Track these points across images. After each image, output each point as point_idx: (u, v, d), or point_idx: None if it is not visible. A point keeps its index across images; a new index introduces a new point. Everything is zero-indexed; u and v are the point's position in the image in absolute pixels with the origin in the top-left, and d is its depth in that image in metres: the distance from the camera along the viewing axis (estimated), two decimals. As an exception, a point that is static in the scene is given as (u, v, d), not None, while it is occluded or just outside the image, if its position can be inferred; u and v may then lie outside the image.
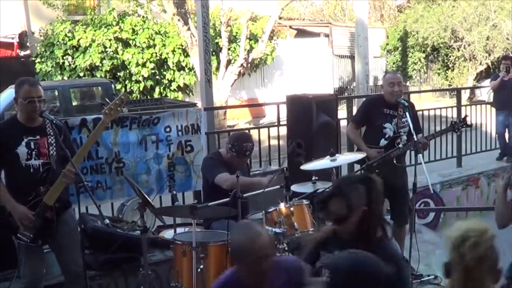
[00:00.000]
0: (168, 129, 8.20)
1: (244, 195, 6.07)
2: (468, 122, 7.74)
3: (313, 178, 6.79)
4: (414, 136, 7.24)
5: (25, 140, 5.72)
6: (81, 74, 21.59)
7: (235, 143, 6.82)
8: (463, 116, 8.21)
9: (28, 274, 5.92)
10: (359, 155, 7.30)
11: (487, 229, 3.44)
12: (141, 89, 22.07)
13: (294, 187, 6.58)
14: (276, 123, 10.38)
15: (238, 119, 23.99)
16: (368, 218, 4.03)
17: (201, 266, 5.75)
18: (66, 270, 6.07)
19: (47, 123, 5.79)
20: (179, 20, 21.04)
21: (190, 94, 23.73)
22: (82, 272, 5.93)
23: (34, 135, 5.77)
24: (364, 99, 9.71)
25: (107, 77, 20.93)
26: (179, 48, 22.69)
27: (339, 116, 9.99)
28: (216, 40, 22.57)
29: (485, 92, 24.51)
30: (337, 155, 6.75)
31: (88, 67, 21.59)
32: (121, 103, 6.02)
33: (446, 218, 11.31)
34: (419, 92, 26.46)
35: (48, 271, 6.66)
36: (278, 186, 6.49)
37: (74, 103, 18.00)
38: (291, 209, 6.15)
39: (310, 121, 8.89)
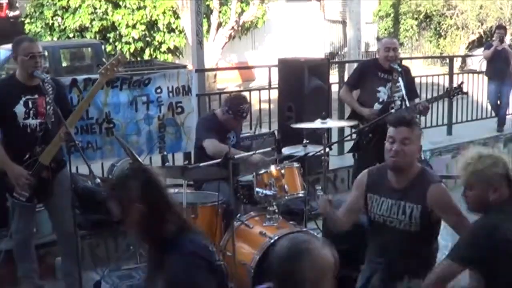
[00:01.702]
0: (159, 90, 8.16)
1: (236, 156, 6.07)
2: (464, 89, 7.74)
3: (304, 141, 6.78)
4: (407, 102, 7.24)
5: (23, 99, 5.68)
6: (71, 35, 21.42)
7: (232, 105, 6.82)
8: (455, 84, 8.21)
9: (19, 232, 5.94)
10: (350, 123, 7.31)
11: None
12: (131, 51, 21.89)
13: (285, 150, 6.58)
14: (266, 87, 10.36)
15: (228, 82, 23.89)
16: (148, 216, 3.48)
17: (191, 227, 5.76)
18: (59, 229, 6.07)
19: (46, 82, 5.75)
20: (170, -19, 20.89)
21: (180, 56, 23.62)
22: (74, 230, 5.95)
23: (32, 94, 5.72)
24: (356, 64, 9.68)
25: (97, 38, 20.80)
26: (169, 10, 22.49)
27: (331, 81, 9.96)
28: (207, 2, 22.39)
29: (477, 61, 24.49)
30: (327, 119, 6.74)
31: (77, 28, 21.39)
32: (118, 63, 5.96)
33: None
34: (411, 58, 26.36)
35: (38, 230, 6.68)
36: (269, 149, 6.50)
37: (64, 64, 17.90)
38: (282, 171, 6.15)
39: (301, 85, 8.90)
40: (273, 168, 6.16)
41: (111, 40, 21.82)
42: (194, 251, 3.39)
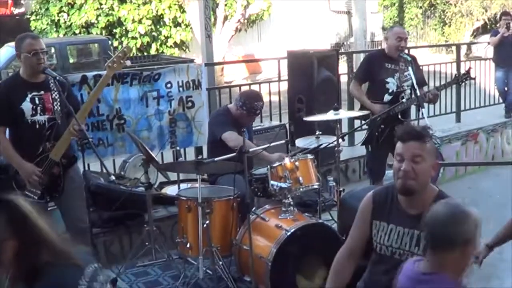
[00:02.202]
0: (169, 85, 8.14)
1: (250, 150, 6.07)
2: (472, 75, 7.73)
3: (317, 133, 6.77)
4: (417, 91, 7.22)
5: (29, 96, 5.66)
6: (77, 31, 21.44)
7: (246, 101, 6.82)
8: (462, 71, 8.20)
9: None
10: (362, 113, 7.29)
11: None
12: (137, 46, 21.88)
13: (298, 142, 6.58)
14: (274, 79, 10.34)
15: (235, 75, 23.87)
16: (22, 254, 2.99)
17: (207, 222, 5.76)
18: (71, 227, 6.03)
19: (50, 79, 5.74)
20: (175, -25, 20.88)
21: (187, 50, 23.60)
22: (88, 228, 5.95)
23: (38, 90, 5.71)
24: (364, 54, 9.66)
25: (103, 34, 20.81)
26: (175, 4, 22.49)
27: (339, 72, 9.94)
28: (213, -4, 22.44)
29: (482, 48, 24.43)
30: (340, 110, 6.73)
31: (83, 24, 21.42)
32: (124, 56, 5.98)
33: (445, 173, 11.33)
34: (416, 47, 26.32)
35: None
36: (283, 141, 6.49)
37: (71, 61, 17.91)
38: (296, 163, 6.13)
39: (311, 77, 8.88)
40: (287, 161, 6.15)
41: (117, 36, 21.82)
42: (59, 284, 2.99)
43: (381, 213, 4.05)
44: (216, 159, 6.09)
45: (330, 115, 6.59)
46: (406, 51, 7.75)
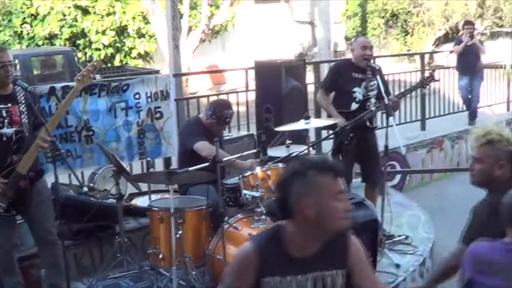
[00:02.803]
0: (137, 96, 8.09)
1: (224, 159, 6.08)
2: (435, 77, 7.86)
3: (287, 142, 6.80)
4: (385, 99, 7.29)
5: None
6: (40, 43, 21.33)
7: (216, 110, 6.84)
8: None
9: (1, 245, 5.85)
10: (333, 122, 7.33)
11: None
12: (101, 57, 21.80)
13: (269, 151, 6.59)
14: (239, 89, 10.38)
15: (200, 86, 23.84)
16: None
17: (179, 232, 5.75)
18: (39, 240, 5.98)
19: (18, 91, 5.68)
20: (139, -14, 20.86)
21: (151, 61, 23.56)
22: (57, 241, 5.88)
23: (5, 102, 5.63)
24: (330, 64, 9.72)
25: (67, 45, 20.71)
26: (139, 15, 22.48)
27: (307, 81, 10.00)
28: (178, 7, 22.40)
29: (444, 57, 24.71)
30: (311, 118, 6.77)
31: (47, 36, 21.33)
32: (94, 70, 5.93)
33: (411, 181, 11.46)
34: (379, 57, 26.49)
35: (21, 242, 6.60)
36: (254, 151, 6.51)
37: (35, 72, 17.79)
38: (268, 172, 6.16)
39: (279, 86, 8.89)
40: (258, 170, 6.17)
41: (81, 47, 21.71)
42: None
43: (270, 267, 3.27)
44: (189, 169, 6.09)
45: (301, 124, 6.62)
46: (372, 60, 7.83)
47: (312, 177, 3.12)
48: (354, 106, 7.68)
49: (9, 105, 5.65)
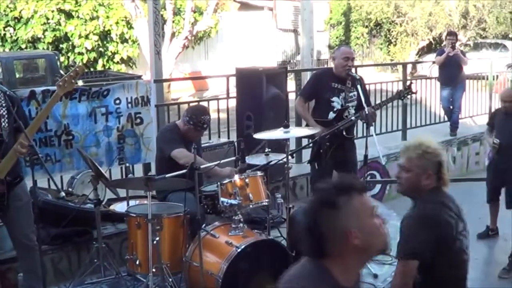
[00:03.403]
0: (118, 101, 8.08)
1: (202, 166, 6.08)
2: (413, 90, 7.87)
3: (266, 150, 6.81)
4: (365, 109, 7.32)
5: None
6: (23, 46, 21.24)
7: (193, 116, 6.84)
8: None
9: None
10: (312, 131, 7.33)
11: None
12: (84, 61, 21.73)
13: (248, 159, 6.60)
14: (221, 96, 10.38)
15: (182, 92, 23.80)
16: None
17: (157, 238, 5.75)
18: (18, 244, 5.97)
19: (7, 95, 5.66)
20: (123, -9, 20.81)
21: (134, 66, 23.52)
22: (35, 246, 5.86)
23: None
24: (312, 72, 9.75)
25: (50, 49, 20.64)
26: (122, 20, 22.44)
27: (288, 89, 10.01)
28: (161, 13, 22.35)
29: (427, 67, 24.83)
30: (291, 127, 6.77)
31: (30, 39, 21.22)
32: (76, 75, 5.89)
33: (391, 190, 11.47)
34: (362, 66, 26.64)
35: (0, 246, 6.59)
36: (233, 158, 6.51)
37: (18, 75, 17.72)
38: (246, 180, 6.18)
39: (260, 94, 8.91)
40: (237, 178, 6.19)
41: (63, 51, 21.64)
42: None
43: None
44: (167, 175, 6.09)
45: (279, 133, 6.63)
46: (353, 70, 7.85)
47: (347, 205, 2.87)
48: (331, 115, 7.72)
49: None
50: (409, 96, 7.87)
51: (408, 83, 11.19)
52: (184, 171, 5.95)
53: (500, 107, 8.98)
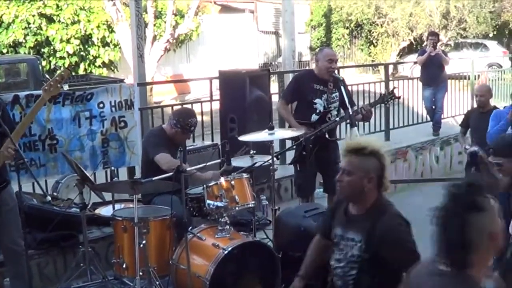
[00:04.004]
0: (101, 105, 8.09)
1: (188, 169, 6.09)
2: (397, 94, 7.90)
3: (251, 152, 6.83)
4: (349, 110, 7.35)
5: None
6: (4, 51, 21.13)
7: (180, 119, 6.84)
8: (391, 89, 8.37)
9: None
10: (297, 133, 7.34)
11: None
12: (65, 65, 21.64)
13: (233, 161, 6.61)
14: (203, 99, 10.38)
15: (164, 95, 23.78)
16: None
17: (143, 242, 5.74)
18: (5, 250, 5.97)
19: None
20: (104, -5, 20.75)
21: (115, 70, 23.49)
22: (23, 251, 5.85)
23: None
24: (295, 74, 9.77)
25: (31, 54, 20.54)
26: (104, 24, 22.39)
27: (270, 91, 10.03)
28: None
29: (408, 68, 24.94)
30: (275, 129, 6.79)
31: (11, 44, 21.11)
32: (62, 80, 5.89)
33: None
34: (343, 67, 26.73)
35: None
36: (218, 161, 6.53)
37: (-1, 80, 17.68)
38: (232, 182, 6.20)
39: (243, 96, 8.94)
40: (223, 180, 6.20)
41: (45, 55, 21.55)
42: None
43: None
44: (153, 178, 6.10)
45: (264, 134, 6.65)
46: (336, 71, 7.89)
47: (490, 206, 2.83)
48: (314, 117, 7.73)
49: None
50: (392, 101, 7.91)
51: (391, 88, 11.25)
52: (170, 174, 5.96)
53: (474, 107, 9.03)
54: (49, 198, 5.76)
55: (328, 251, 4.48)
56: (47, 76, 6.54)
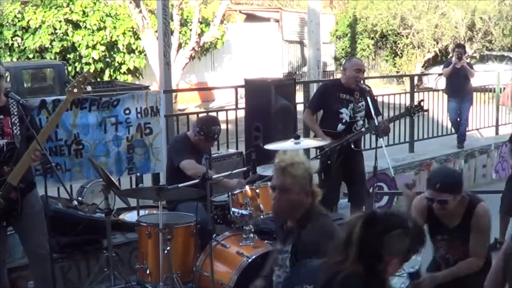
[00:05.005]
0: (127, 111, 8.12)
1: (214, 176, 6.10)
2: (424, 107, 7.86)
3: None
4: (375, 120, 7.32)
5: None
6: (31, 56, 21.34)
7: (203, 127, 6.87)
8: (416, 101, 8.33)
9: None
10: (322, 142, 7.33)
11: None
12: (91, 71, 21.76)
13: (259, 170, 6.61)
14: (227, 106, 10.38)
15: (188, 103, 23.88)
16: None
17: (168, 248, 5.76)
18: (30, 253, 5.98)
19: (11, 103, 5.69)
20: (130, 2, 20.84)
21: (140, 77, 23.60)
22: (48, 255, 5.86)
23: None
24: (319, 83, 9.77)
25: (57, 59, 20.73)
26: (129, 31, 22.54)
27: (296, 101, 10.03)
28: (168, 24, 22.45)
29: (433, 79, 24.85)
30: (301, 138, 6.78)
31: (37, 49, 21.33)
32: (85, 81, 5.93)
33: (398, 202, 11.46)
34: (368, 78, 26.62)
35: (10, 253, 6.58)
36: (244, 169, 6.53)
37: (26, 85, 17.78)
38: (257, 191, 6.19)
39: (268, 105, 8.91)
40: (248, 188, 6.20)
41: (71, 61, 21.72)
42: None
43: None
44: (180, 185, 6.12)
45: (290, 143, 6.64)
46: (362, 81, 7.88)
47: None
48: (340, 127, 7.73)
49: (1, 116, 5.66)
50: (419, 113, 7.88)
51: (417, 99, 11.19)
52: (196, 181, 5.97)
53: None
54: (75, 202, 5.80)
55: None
56: (70, 79, 6.60)
